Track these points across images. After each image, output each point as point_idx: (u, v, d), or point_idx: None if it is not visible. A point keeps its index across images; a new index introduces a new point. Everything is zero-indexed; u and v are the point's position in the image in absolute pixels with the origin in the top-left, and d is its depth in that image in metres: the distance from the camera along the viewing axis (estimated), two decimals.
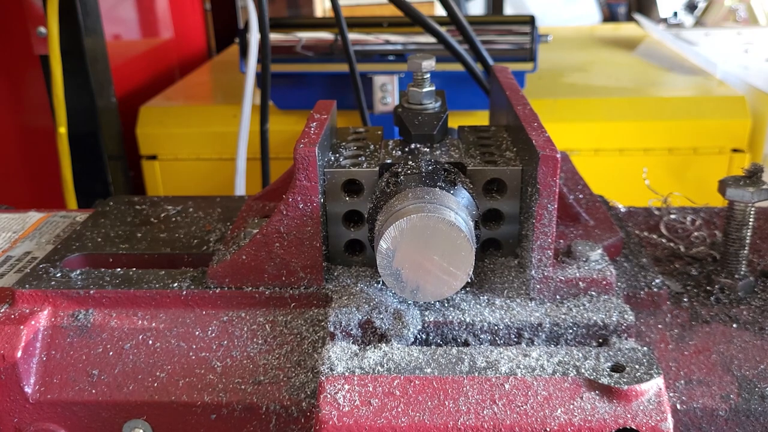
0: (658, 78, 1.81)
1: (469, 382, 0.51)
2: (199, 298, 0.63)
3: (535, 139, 0.58)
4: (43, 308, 0.62)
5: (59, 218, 0.85)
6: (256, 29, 1.37)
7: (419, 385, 0.51)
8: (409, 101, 0.68)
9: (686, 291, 0.65)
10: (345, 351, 0.55)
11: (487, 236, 0.64)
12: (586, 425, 0.49)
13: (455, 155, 0.65)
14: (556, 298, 0.59)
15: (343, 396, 0.51)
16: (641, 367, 0.51)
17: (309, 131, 0.61)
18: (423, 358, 0.53)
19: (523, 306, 0.58)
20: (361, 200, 0.62)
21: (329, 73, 1.53)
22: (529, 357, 0.53)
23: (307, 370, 0.59)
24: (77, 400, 0.60)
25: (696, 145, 1.53)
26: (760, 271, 0.69)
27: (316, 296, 0.62)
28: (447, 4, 1.20)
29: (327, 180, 0.62)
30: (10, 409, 0.61)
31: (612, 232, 0.68)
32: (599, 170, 1.54)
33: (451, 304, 0.58)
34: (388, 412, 0.50)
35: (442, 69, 1.39)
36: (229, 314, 0.63)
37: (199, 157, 1.61)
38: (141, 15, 2.19)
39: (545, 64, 1.80)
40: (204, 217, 0.79)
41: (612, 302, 0.58)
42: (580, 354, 0.53)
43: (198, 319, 0.62)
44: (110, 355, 0.61)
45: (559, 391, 0.50)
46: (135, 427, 0.60)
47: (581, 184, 0.79)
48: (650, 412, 0.49)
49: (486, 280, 0.61)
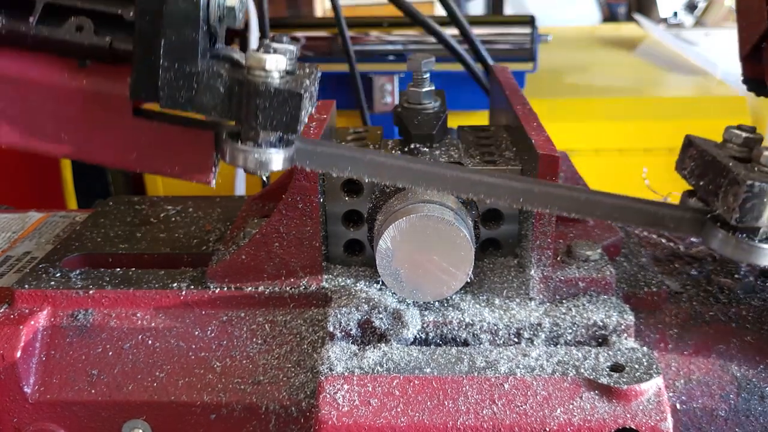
0: (658, 78, 1.81)
1: (468, 382, 0.51)
2: (199, 298, 0.63)
3: (535, 139, 0.58)
4: (42, 308, 0.62)
5: (59, 218, 0.85)
6: (256, 29, 1.36)
7: (419, 385, 0.51)
8: (408, 101, 0.68)
9: (686, 291, 0.65)
10: (344, 351, 0.54)
11: (486, 236, 0.64)
12: (585, 425, 0.49)
13: (455, 155, 0.65)
14: (556, 298, 0.59)
15: (342, 396, 0.51)
16: (641, 366, 0.51)
17: (308, 131, 0.61)
18: (422, 358, 0.53)
19: (522, 306, 0.58)
20: (360, 200, 0.62)
21: (329, 73, 1.53)
22: (528, 357, 0.53)
23: (306, 370, 0.59)
24: (77, 400, 0.60)
25: None
26: (760, 270, 0.69)
27: (316, 296, 0.62)
28: (447, 4, 1.21)
29: (326, 180, 0.62)
30: (10, 409, 0.60)
31: (611, 232, 0.68)
32: (599, 170, 1.54)
33: (450, 303, 0.58)
34: (387, 412, 0.50)
35: (442, 69, 1.39)
36: (229, 314, 0.62)
37: None
38: None
39: (545, 64, 1.80)
40: (204, 217, 0.79)
41: (611, 302, 0.58)
42: (580, 354, 0.53)
43: (197, 319, 0.62)
44: (110, 355, 0.61)
45: (558, 391, 0.50)
46: (134, 427, 0.60)
47: (581, 184, 0.79)
48: (650, 412, 0.49)
49: (485, 280, 0.61)
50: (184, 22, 0.43)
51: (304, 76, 0.48)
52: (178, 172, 0.49)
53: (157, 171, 0.50)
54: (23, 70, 0.47)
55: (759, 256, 0.49)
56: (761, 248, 0.48)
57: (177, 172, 0.49)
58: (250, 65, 0.45)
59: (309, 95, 0.47)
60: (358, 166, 0.50)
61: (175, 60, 0.44)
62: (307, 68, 0.50)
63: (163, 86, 0.45)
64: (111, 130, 0.48)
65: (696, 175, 0.53)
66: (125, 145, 0.49)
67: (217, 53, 0.47)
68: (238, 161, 0.47)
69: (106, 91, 0.48)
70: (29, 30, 0.47)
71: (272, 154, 0.47)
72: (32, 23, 0.47)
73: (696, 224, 0.51)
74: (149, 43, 0.44)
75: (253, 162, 0.47)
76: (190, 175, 0.49)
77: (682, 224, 0.51)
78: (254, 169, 0.47)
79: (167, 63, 0.44)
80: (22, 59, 0.47)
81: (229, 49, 0.48)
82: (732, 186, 0.47)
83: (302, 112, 0.45)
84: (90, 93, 0.48)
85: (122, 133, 0.48)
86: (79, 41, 0.47)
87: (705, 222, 0.50)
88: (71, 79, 0.48)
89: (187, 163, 0.49)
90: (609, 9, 3.54)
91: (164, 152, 0.49)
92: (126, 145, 0.49)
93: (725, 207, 0.48)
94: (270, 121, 0.45)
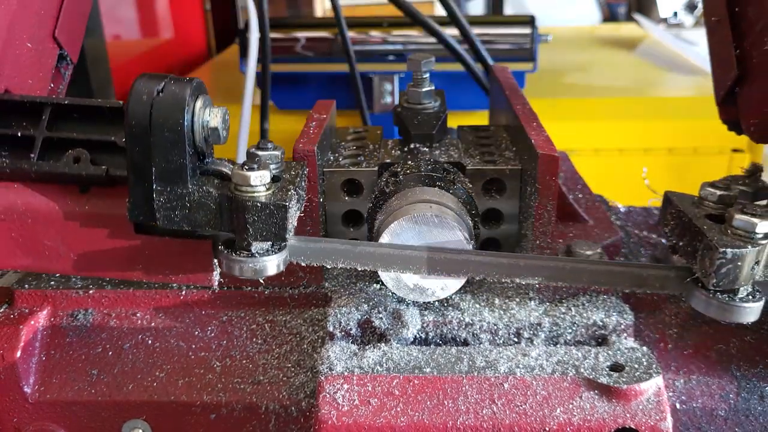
0: (658, 78, 1.81)
1: (468, 381, 0.51)
2: (199, 298, 0.63)
3: (535, 139, 0.58)
4: (42, 308, 0.62)
5: None
6: (256, 29, 1.37)
7: (418, 384, 0.51)
8: (408, 101, 0.68)
9: None
10: (344, 351, 0.54)
11: (486, 236, 0.64)
12: (585, 425, 0.49)
13: (454, 155, 0.65)
14: (555, 298, 0.59)
15: (342, 395, 0.51)
16: (640, 366, 0.51)
17: (308, 131, 0.61)
18: (422, 358, 0.53)
19: (522, 305, 0.58)
20: (360, 200, 0.62)
21: (329, 73, 1.53)
22: (528, 356, 0.53)
23: (306, 370, 0.59)
24: (76, 399, 0.60)
25: (696, 145, 1.53)
26: None
27: (316, 296, 0.62)
28: (447, 4, 1.21)
29: (326, 180, 0.62)
30: (10, 409, 0.61)
31: (611, 232, 0.68)
32: (599, 170, 1.54)
33: (450, 303, 0.58)
34: (387, 412, 0.50)
35: (442, 69, 1.39)
36: (229, 314, 0.63)
37: None
38: (141, 15, 2.19)
39: (545, 64, 1.80)
40: None
41: (611, 302, 0.58)
42: (580, 353, 0.53)
43: (197, 319, 0.62)
44: (109, 355, 0.61)
45: (558, 391, 0.50)
46: (134, 426, 0.60)
47: (581, 183, 0.79)
48: (649, 412, 0.49)
49: (485, 280, 0.61)
50: (171, 149, 0.46)
51: (289, 181, 0.50)
52: (182, 279, 0.52)
53: (161, 279, 0.53)
54: (29, 202, 0.51)
55: (742, 314, 0.50)
56: (743, 307, 0.49)
57: (181, 279, 0.52)
58: (236, 182, 0.48)
59: (297, 198, 0.50)
60: (349, 258, 0.53)
61: (167, 184, 0.47)
62: (293, 169, 0.53)
63: (159, 208, 0.48)
64: (115, 246, 0.52)
65: (676, 234, 0.55)
66: (130, 260, 0.52)
67: (207, 169, 0.50)
68: (234, 271, 0.50)
69: (108, 212, 0.51)
70: (31, 167, 0.51)
71: (266, 262, 0.50)
72: (33, 159, 0.51)
73: (680, 283, 0.52)
74: (141, 170, 0.47)
75: (249, 271, 0.50)
76: (193, 280, 0.52)
77: (667, 284, 0.53)
78: (251, 276, 0.50)
79: (160, 187, 0.47)
80: (27, 192, 0.51)
81: (219, 162, 0.51)
82: (707, 251, 0.49)
83: (289, 221, 0.48)
84: (93, 215, 0.51)
85: (126, 249, 0.52)
86: (78, 172, 0.50)
87: (687, 283, 0.52)
88: (74, 204, 0.51)
89: (190, 271, 0.52)
90: (609, 9, 3.54)
91: (167, 263, 0.52)
92: (130, 260, 0.52)
93: (703, 271, 0.49)
94: (260, 233, 0.48)
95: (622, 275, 0.53)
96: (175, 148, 0.46)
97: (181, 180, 0.47)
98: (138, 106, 0.46)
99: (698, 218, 0.52)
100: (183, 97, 0.46)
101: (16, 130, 0.52)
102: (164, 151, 0.46)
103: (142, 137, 0.46)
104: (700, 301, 0.50)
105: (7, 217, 0.51)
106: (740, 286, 0.49)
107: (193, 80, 0.48)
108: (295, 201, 0.50)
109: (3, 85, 0.56)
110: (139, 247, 0.52)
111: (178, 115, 0.46)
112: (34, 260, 0.52)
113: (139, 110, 0.46)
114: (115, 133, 0.51)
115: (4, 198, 0.51)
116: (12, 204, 0.51)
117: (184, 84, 0.47)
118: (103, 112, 0.53)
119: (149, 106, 0.46)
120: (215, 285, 0.54)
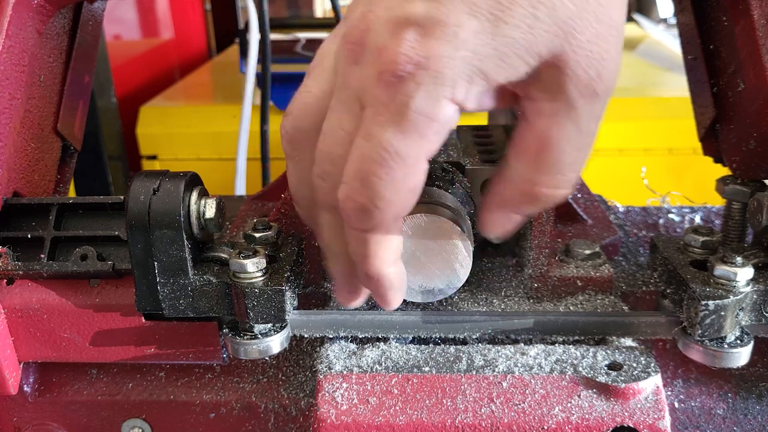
0: (658, 78, 1.81)
1: (467, 380, 0.51)
2: None
3: None
4: None
5: None
6: (256, 29, 1.37)
7: (417, 383, 0.51)
8: None
9: None
10: (343, 349, 0.55)
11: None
12: (583, 423, 0.49)
13: (453, 154, 0.65)
14: (554, 297, 0.59)
15: (341, 394, 0.51)
16: (639, 365, 0.51)
17: None
18: (421, 357, 0.54)
19: (521, 305, 0.58)
20: None
21: None
22: (526, 355, 0.53)
23: (305, 369, 0.60)
24: (76, 399, 0.60)
25: (696, 145, 1.52)
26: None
27: (315, 295, 0.62)
28: None
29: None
30: (10, 408, 0.61)
31: (610, 232, 0.68)
32: (599, 170, 1.55)
33: (449, 303, 0.58)
34: (386, 411, 0.50)
35: None
36: None
37: (199, 157, 1.61)
38: (141, 15, 2.19)
39: None
40: None
41: (609, 301, 0.58)
42: (578, 352, 0.53)
43: None
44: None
45: (556, 390, 0.50)
46: (134, 425, 0.60)
47: (579, 183, 0.79)
48: (648, 410, 0.49)
49: (484, 279, 0.61)
50: (171, 245, 0.50)
51: (285, 260, 0.53)
52: (192, 359, 0.56)
53: (172, 360, 0.57)
54: (43, 299, 0.55)
55: (731, 360, 0.51)
56: (732, 353, 0.51)
57: (191, 358, 0.56)
58: (233, 271, 0.51)
59: (294, 277, 0.53)
60: (349, 327, 0.55)
61: (169, 276, 0.51)
62: (289, 246, 0.55)
63: (164, 299, 0.52)
64: (126, 334, 0.55)
65: (663, 281, 0.56)
66: (141, 345, 0.56)
67: (207, 257, 0.54)
68: (240, 354, 0.53)
69: (117, 303, 0.55)
70: (42, 267, 0.55)
71: (269, 342, 0.52)
72: (44, 260, 0.55)
73: (670, 329, 0.54)
74: (144, 264, 0.51)
75: (254, 352, 0.53)
76: (202, 358, 0.56)
77: (658, 330, 0.54)
78: (256, 357, 0.53)
79: (163, 279, 0.51)
80: (41, 289, 0.55)
81: (218, 248, 0.54)
82: (692, 301, 0.50)
83: (287, 303, 0.51)
84: (103, 306, 0.55)
85: (137, 335, 0.55)
86: (86, 269, 0.54)
87: (677, 330, 0.53)
88: (85, 298, 0.55)
89: (198, 351, 0.56)
90: None
91: (176, 345, 0.56)
92: (142, 345, 0.56)
93: (689, 320, 0.51)
94: (260, 316, 0.51)
95: (614, 325, 0.55)
96: (175, 243, 0.50)
97: (182, 271, 0.51)
98: (136, 206, 0.49)
99: (682, 267, 0.53)
100: (178, 194, 0.50)
101: (26, 232, 0.57)
102: (164, 246, 0.50)
103: (142, 235, 0.49)
104: (691, 349, 0.52)
105: (24, 314, 0.55)
106: (727, 334, 0.50)
107: (187, 174, 0.51)
108: (293, 281, 0.52)
109: (12, 187, 0.59)
110: (149, 333, 0.55)
111: (175, 212, 0.49)
112: (53, 351, 0.56)
113: (138, 210, 0.49)
114: (119, 227, 0.56)
115: (20, 297, 0.55)
116: (27, 302, 0.55)
117: (179, 180, 0.50)
118: (106, 207, 0.58)
119: (147, 205, 0.49)
120: (224, 360, 0.57)
